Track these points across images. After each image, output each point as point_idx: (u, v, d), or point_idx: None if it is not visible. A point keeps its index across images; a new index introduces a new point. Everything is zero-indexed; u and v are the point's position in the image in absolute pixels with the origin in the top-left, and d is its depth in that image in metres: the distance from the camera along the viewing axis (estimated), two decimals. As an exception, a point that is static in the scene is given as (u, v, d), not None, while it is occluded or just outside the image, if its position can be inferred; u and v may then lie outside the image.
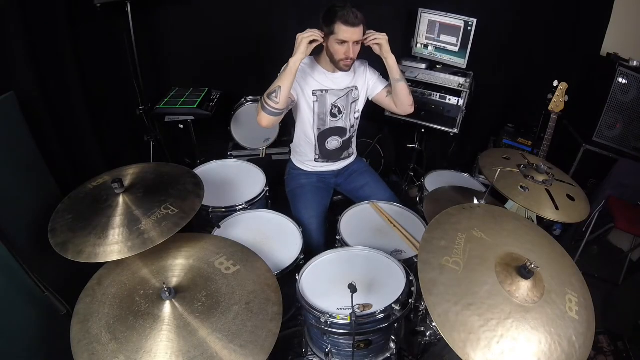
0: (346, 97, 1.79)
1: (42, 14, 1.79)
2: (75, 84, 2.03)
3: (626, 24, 2.39)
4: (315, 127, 1.81)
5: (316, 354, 1.33)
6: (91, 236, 1.08)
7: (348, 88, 1.79)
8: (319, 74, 1.75)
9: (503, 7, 2.42)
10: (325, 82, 1.75)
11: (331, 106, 1.78)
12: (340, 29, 1.57)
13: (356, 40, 1.60)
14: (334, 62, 1.67)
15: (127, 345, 0.91)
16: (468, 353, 0.80)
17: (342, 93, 1.78)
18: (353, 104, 1.83)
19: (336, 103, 1.78)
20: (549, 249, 1.07)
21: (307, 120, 1.79)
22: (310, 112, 1.77)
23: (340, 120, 1.83)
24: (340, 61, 1.64)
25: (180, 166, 1.40)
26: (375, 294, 1.24)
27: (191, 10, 2.34)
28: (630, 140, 2.26)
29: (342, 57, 1.63)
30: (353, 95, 1.81)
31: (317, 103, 1.76)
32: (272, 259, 1.42)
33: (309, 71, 1.74)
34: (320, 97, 1.75)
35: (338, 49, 1.61)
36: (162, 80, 2.44)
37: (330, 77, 1.75)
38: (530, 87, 2.56)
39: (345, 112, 1.82)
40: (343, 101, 1.79)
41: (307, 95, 1.74)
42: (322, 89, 1.74)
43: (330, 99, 1.77)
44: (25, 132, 1.59)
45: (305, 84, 1.73)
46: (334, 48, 1.63)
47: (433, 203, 1.62)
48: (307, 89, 1.73)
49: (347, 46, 1.60)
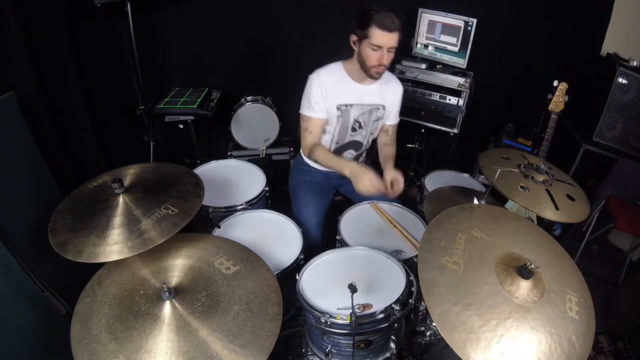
0: (369, 114, 1.73)
1: (42, 14, 1.79)
2: (75, 84, 2.03)
3: (626, 24, 2.39)
4: (334, 141, 1.77)
5: (316, 354, 1.33)
6: (91, 236, 1.08)
7: (373, 105, 1.71)
8: (346, 86, 1.65)
9: (503, 7, 2.43)
10: (351, 96, 1.66)
11: (353, 121, 1.72)
12: (375, 33, 1.47)
13: (391, 47, 1.50)
14: (365, 69, 1.57)
15: (127, 345, 0.91)
16: (468, 353, 0.80)
17: (365, 109, 1.71)
18: (375, 122, 1.76)
19: (358, 118, 1.72)
20: (549, 249, 1.07)
21: (328, 132, 1.74)
22: (332, 127, 1.72)
23: (359, 135, 1.78)
24: (371, 68, 1.55)
25: (180, 166, 1.40)
26: (375, 294, 1.24)
27: (191, 10, 2.35)
28: (630, 140, 2.26)
29: (375, 63, 1.53)
30: (377, 114, 1.74)
31: (340, 118, 1.69)
32: (272, 259, 1.42)
33: (337, 83, 1.64)
34: (345, 111, 1.68)
35: (371, 55, 1.52)
36: (162, 80, 2.44)
37: (358, 90, 1.67)
38: (530, 87, 2.56)
39: (365, 128, 1.76)
40: (365, 117, 1.73)
41: (332, 110, 1.67)
42: (347, 104, 1.66)
43: (354, 114, 1.70)
44: (25, 132, 1.58)
45: (331, 99, 1.65)
46: (366, 53, 1.52)
47: (433, 203, 1.62)
48: (333, 104, 1.65)
49: (380, 52, 1.50)
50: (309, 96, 1.66)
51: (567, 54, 2.51)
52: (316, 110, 1.65)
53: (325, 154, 1.67)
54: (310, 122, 1.68)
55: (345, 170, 1.53)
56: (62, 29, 1.92)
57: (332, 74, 1.66)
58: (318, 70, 1.67)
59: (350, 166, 1.53)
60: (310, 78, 1.66)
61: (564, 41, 2.48)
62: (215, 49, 2.46)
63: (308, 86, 1.66)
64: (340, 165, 1.57)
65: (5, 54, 1.64)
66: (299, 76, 1.69)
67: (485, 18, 2.26)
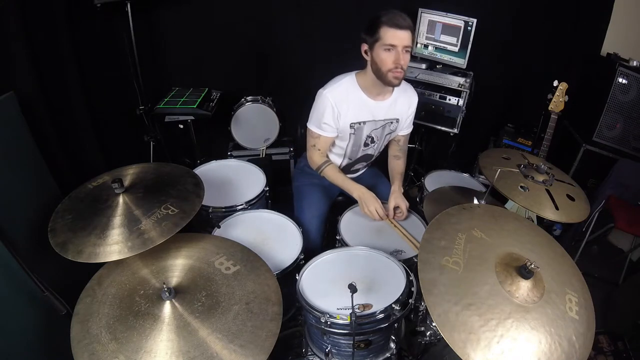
0: (382, 129, 1.70)
1: (42, 14, 1.79)
2: (75, 84, 2.03)
3: (626, 24, 2.39)
4: (346, 156, 1.76)
5: (316, 354, 1.33)
6: (91, 236, 1.08)
7: (387, 120, 1.67)
8: (359, 103, 1.58)
9: (503, 7, 2.43)
10: (364, 113, 1.61)
11: (366, 137, 1.70)
12: (386, 33, 1.40)
13: (406, 46, 1.42)
14: (382, 76, 1.47)
15: (127, 345, 0.91)
16: (468, 353, 0.80)
17: (379, 124, 1.67)
18: (388, 135, 1.75)
19: (371, 134, 1.70)
20: (549, 249, 1.07)
21: (340, 148, 1.73)
22: (344, 143, 1.70)
23: (371, 149, 1.77)
24: (388, 72, 1.44)
25: (180, 166, 1.40)
26: (375, 294, 1.24)
27: (191, 10, 2.34)
28: (630, 140, 2.26)
29: (391, 66, 1.43)
30: (391, 127, 1.71)
31: (353, 135, 1.65)
32: (272, 259, 1.42)
33: (350, 101, 1.57)
34: (358, 129, 1.64)
35: (385, 58, 1.43)
36: (162, 80, 2.44)
37: (371, 107, 1.61)
38: (530, 87, 2.56)
39: (378, 142, 1.75)
40: (378, 132, 1.71)
41: (345, 128, 1.62)
42: (361, 121, 1.62)
43: (367, 131, 1.67)
44: (25, 132, 1.59)
45: (343, 118, 1.59)
46: (380, 57, 1.43)
47: (433, 203, 1.62)
48: (346, 122, 1.60)
49: (396, 52, 1.41)
50: (319, 115, 1.59)
51: (567, 54, 2.50)
52: (325, 130, 1.62)
53: (334, 173, 1.69)
54: (318, 140, 1.65)
55: (354, 193, 1.63)
56: (62, 29, 1.92)
57: (345, 92, 1.57)
58: (330, 86, 1.58)
59: (360, 191, 1.62)
60: (322, 95, 1.57)
61: (564, 41, 2.48)
62: (215, 49, 2.46)
63: (319, 104, 1.59)
64: (349, 188, 1.65)
65: (5, 54, 1.64)
66: (299, 76, 1.69)
67: (485, 18, 2.26)
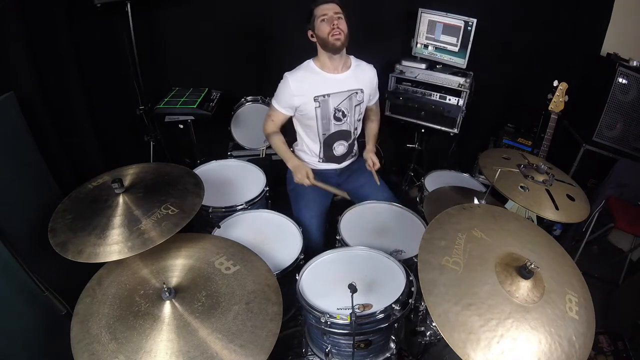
0: (349, 100, 1.78)
1: (42, 14, 1.79)
2: (75, 84, 2.03)
3: (626, 24, 2.38)
4: (320, 132, 1.81)
5: (316, 354, 1.33)
6: (91, 236, 1.08)
7: (351, 90, 1.78)
8: (319, 79, 1.74)
9: (503, 7, 2.42)
10: (327, 86, 1.74)
11: (334, 110, 1.77)
12: (318, 10, 1.65)
13: (336, 12, 1.64)
14: (327, 45, 1.67)
15: (127, 345, 0.91)
16: (468, 353, 0.80)
17: (344, 96, 1.77)
18: (357, 106, 1.82)
19: (339, 107, 1.77)
20: (549, 249, 1.07)
21: (312, 126, 1.80)
22: (313, 119, 1.77)
23: (345, 124, 1.83)
24: (329, 36, 1.64)
25: (180, 166, 1.40)
26: (375, 294, 1.24)
27: (191, 10, 2.34)
28: (630, 140, 2.26)
29: (328, 29, 1.64)
30: (357, 98, 1.81)
31: (319, 109, 1.75)
32: (272, 259, 1.42)
33: (309, 78, 1.73)
34: (323, 102, 1.74)
35: (324, 27, 1.64)
36: (162, 80, 2.44)
37: (332, 80, 1.75)
38: (530, 86, 2.55)
39: (349, 114, 1.81)
40: (346, 104, 1.78)
41: (309, 102, 1.73)
42: (324, 94, 1.74)
43: (333, 103, 1.76)
44: (25, 132, 1.59)
45: (306, 93, 1.72)
46: (320, 29, 1.66)
47: (433, 203, 1.62)
48: (309, 97, 1.73)
49: (329, 18, 1.63)
50: (278, 93, 1.79)
51: (567, 54, 2.50)
52: (282, 105, 1.79)
53: (279, 143, 1.84)
54: (274, 113, 1.83)
55: (289, 163, 1.80)
56: (62, 29, 1.92)
57: (304, 73, 1.75)
58: (292, 71, 1.77)
59: (294, 163, 1.79)
60: (285, 77, 1.75)
61: (564, 41, 2.48)
62: (215, 49, 2.46)
63: (280, 84, 1.78)
64: (286, 158, 1.81)
65: (5, 54, 1.64)
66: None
67: (485, 18, 2.26)
